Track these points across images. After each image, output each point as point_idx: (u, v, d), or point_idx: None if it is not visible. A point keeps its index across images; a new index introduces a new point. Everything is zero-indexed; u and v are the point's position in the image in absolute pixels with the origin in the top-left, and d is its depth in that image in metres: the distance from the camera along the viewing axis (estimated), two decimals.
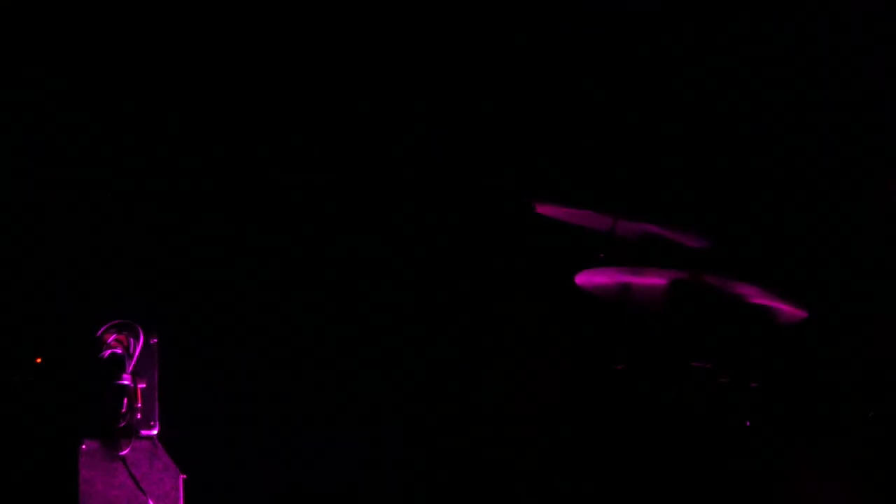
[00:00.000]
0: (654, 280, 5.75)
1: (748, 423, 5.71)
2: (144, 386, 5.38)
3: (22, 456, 5.37)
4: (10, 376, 5.41)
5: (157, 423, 5.40)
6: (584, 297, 5.99)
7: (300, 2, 6.24)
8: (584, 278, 5.86)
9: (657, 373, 5.85)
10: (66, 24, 5.96)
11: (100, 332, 5.37)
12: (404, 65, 6.35)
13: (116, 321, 5.39)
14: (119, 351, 5.36)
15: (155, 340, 5.42)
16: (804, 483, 5.68)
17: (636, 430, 5.90)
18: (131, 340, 5.39)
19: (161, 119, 6.10)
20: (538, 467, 6.40)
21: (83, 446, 5.29)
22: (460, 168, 6.42)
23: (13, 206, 5.87)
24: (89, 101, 6.01)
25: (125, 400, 5.33)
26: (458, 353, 6.46)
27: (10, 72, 5.89)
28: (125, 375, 5.35)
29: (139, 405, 5.36)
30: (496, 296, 6.50)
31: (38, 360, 5.36)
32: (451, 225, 6.41)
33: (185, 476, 5.44)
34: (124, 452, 5.34)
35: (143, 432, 5.38)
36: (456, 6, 6.33)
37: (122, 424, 5.33)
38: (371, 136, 6.35)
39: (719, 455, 5.70)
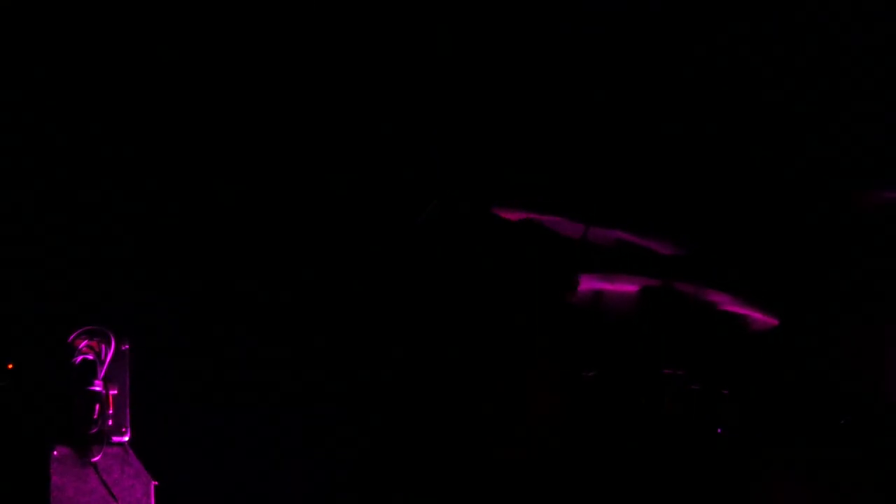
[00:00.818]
0: (626, 287, 5.76)
1: (720, 431, 5.72)
2: (116, 392, 5.37)
3: None
4: None
5: (129, 429, 5.39)
6: (557, 304, 6.00)
7: (295, 4, 6.23)
8: None
9: (629, 380, 5.86)
10: (66, 24, 5.94)
11: (71, 338, 5.35)
12: (400, 63, 6.34)
13: (88, 327, 5.37)
14: (90, 357, 5.35)
15: (126, 347, 5.41)
16: (776, 490, 5.70)
17: (607, 437, 5.91)
18: (103, 347, 5.38)
19: (138, 123, 6.09)
20: (512, 475, 6.41)
21: (54, 452, 5.27)
22: (446, 172, 6.42)
23: None
24: (74, 102, 5.99)
25: (97, 406, 5.32)
26: (433, 358, 6.46)
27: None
28: (97, 382, 5.34)
29: (111, 411, 5.35)
30: (469, 302, 6.50)
31: (10, 366, 5.33)
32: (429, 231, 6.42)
33: (156, 483, 5.43)
34: (96, 459, 5.33)
35: (115, 439, 5.37)
36: (455, 5, 6.33)
37: (94, 431, 5.32)
38: (363, 136, 6.34)
39: (691, 462, 5.71)
